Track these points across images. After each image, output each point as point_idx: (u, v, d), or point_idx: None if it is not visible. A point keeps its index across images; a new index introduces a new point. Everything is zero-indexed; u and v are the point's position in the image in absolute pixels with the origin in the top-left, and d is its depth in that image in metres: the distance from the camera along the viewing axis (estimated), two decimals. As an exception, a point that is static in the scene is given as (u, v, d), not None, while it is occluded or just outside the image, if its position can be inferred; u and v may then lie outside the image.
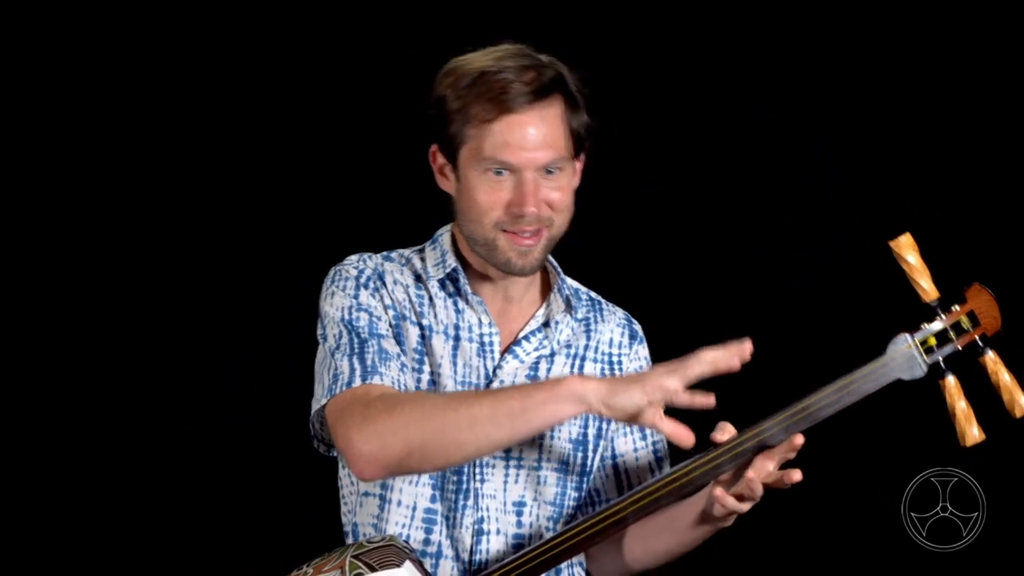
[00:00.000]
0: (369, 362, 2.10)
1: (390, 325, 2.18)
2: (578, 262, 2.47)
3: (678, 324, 3.25)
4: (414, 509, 2.18)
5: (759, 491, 2.06)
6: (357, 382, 2.08)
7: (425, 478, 2.18)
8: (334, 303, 2.18)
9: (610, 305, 2.37)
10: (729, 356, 2.00)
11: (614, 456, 2.31)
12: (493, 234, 2.14)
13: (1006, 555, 3.06)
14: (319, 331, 2.20)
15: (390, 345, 2.15)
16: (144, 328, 3.29)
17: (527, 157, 2.10)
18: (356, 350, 2.12)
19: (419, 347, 2.19)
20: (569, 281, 2.32)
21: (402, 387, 2.12)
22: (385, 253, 2.27)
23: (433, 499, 2.18)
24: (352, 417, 2.03)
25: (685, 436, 2.01)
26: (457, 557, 2.18)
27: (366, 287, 2.19)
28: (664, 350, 3.12)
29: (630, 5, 3.27)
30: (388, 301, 2.19)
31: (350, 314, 2.16)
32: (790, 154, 3.24)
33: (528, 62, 2.13)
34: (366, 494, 2.22)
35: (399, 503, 2.18)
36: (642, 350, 2.36)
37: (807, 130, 3.23)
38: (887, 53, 3.20)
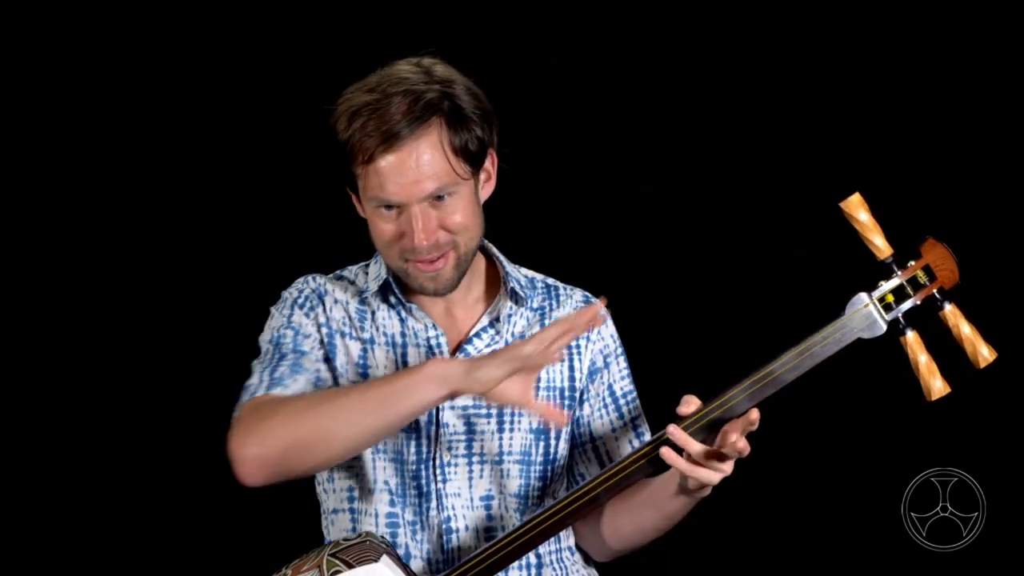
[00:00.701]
0: (278, 374, 2.13)
1: (321, 343, 2.20)
2: (579, 262, 2.47)
3: (678, 324, 3.23)
4: (376, 516, 2.19)
5: (693, 446, 2.02)
6: (260, 392, 2.10)
7: (381, 484, 2.19)
8: (270, 325, 2.23)
9: (568, 288, 2.34)
10: (580, 318, 2.00)
11: (593, 439, 2.29)
12: (400, 264, 2.15)
13: (1006, 555, 3.02)
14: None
15: (309, 361, 2.17)
16: (144, 329, 3.30)
17: (409, 192, 2.09)
18: (271, 363, 2.15)
19: (361, 360, 2.21)
20: (523, 271, 2.32)
21: None
22: (336, 272, 2.30)
23: (392, 503, 2.18)
24: (238, 426, 2.06)
25: (556, 416, 2.10)
26: (427, 558, 2.18)
27: (301, 307, 2.22)
28: (664, 350, 3.12)
29: (630, 5, 3.27)
30: (323, 319, 2.22)
31: (278, 332, 2.20)
32: (790, 154, 3.21)
33: (407, 86, 2.10)
34: (336, 511, 2.24)
35: (365, 512, 2.20)
36: (605, 329, 2.32)
37: (807, 130, 3.21)
38: (887, 53, 3.19)
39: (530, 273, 2.34)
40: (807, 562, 3.15)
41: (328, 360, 2.19)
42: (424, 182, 2.09)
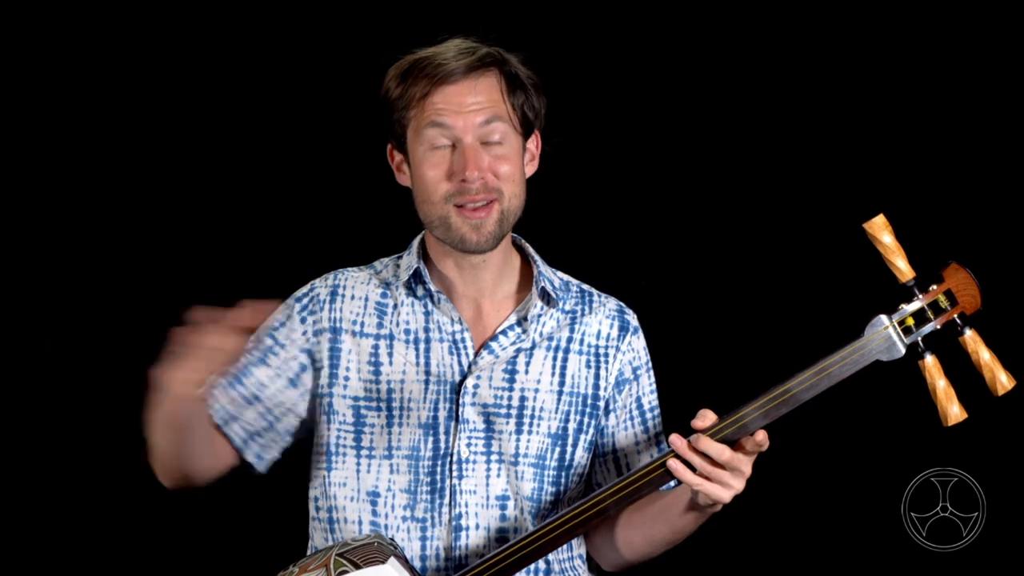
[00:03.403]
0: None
1: (304, 351, 2.22)
2: (591, 273, 2.45)
3: (692, 339, 3.22)
4: (360, 524, 2.19)
5: (692, 456, 2.04)
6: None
7: (384, 487, 2.19)
8: (272, 316, 2.26)
9: (602, 296, 2.35)
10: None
11: (615, 451, 2.30)
12: (445, 210, 2.15)
13: (1006, 555, 3.03)
14: None
15: (262, 372, 2.20)
16: (142, 331, 3.26)
17: (466, 119, 2.13)
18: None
19: (373, 358, 2.21)
20: (558, 274, 2.32)
21: (221, 412, 2.19)
22: (370, 264, 2.31)
23: (377, 505, 2.19)
24: None
25: None
26: (437, 555, 2.18)
27: (302, 310, 2.24)
28: (678, 364, 3.11)
29: (634, 6, 3.25)
30: (326, 323, 2.23)
31: (260, 332, 2.23)
32: (813, 168, 3.20)
33: (467, 45, 2.17)
34: (316, 519, 2.26)
35: (346, 520, 2.20)
36: (636, 341, 2.33)
37: (829, 144, 3.20)
38: (884, 51, 3.18)
39: (566, 277, 2.34)
40: (807, 562, 3.16)
41: (304, 370, 2.22)
42: (482, 111, 2.14)
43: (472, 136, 2.13)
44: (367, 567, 1.97)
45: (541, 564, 2.23)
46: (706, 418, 2.05)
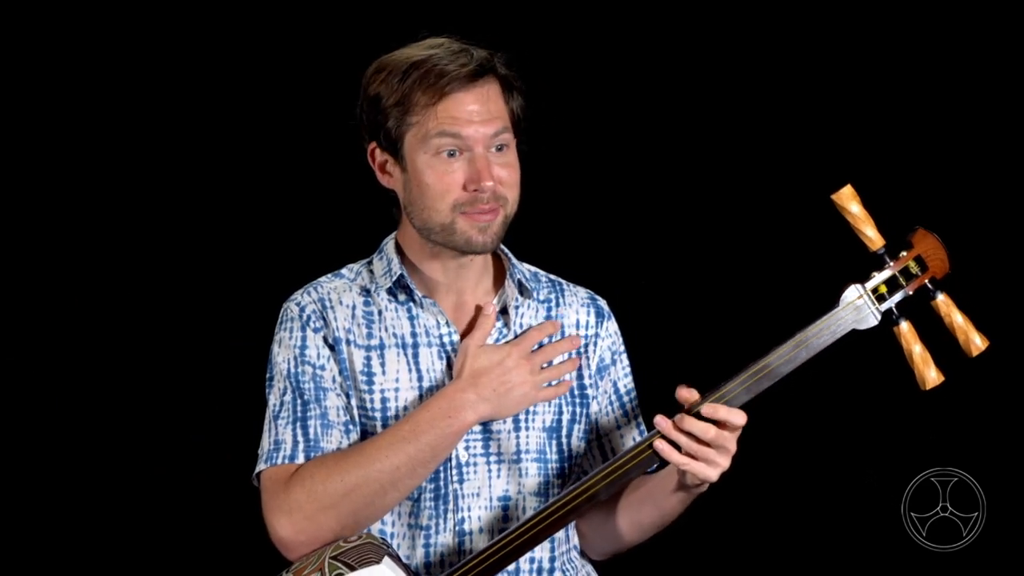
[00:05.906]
0: (312, 434, 2.13)
1: (336, 363, 2.18)
2: (568, 254, 2.47)
3: (670, 318, 3.24)
4: (368, 530, 2.17)
5: (678, 435, 2.05)
6: (299, 458, 2.11)
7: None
8: (280, 351, 2.19)
9: (571, 286, 2.36)
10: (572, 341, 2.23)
11: (599, 436, 2.30)
12: (451, 218, 2.13)
13: (1006, 555, 3.02)
14: (267, 373, 2.22)
15: (332, 401, 2.16)
16: (140, 333, 3.28)
17: (476, 130, 2.12)
18: (299, 416, 2.14)
19: (366, 369, 2.18)
20: (524, 266, 2.32)
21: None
22: (336, 271, 2.28)
23: (382, 521, 2.18)
24: (285, 504, 2.08)
25: (564, 388, 2.23)
26: (442, 561, 2.18)
27: (308, 325, 2.19)
28: (636, 327, 3.10)
29: (628, 4, 3.29)
30: (330, 334, 2.19)
31: (296, 367, 2.17)
32: (780, 144, 3.22)
33: (457, 47, 2.15)
34: None
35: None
36: (612, 326, 2.35)
37: (796, 119, 3.21)
38: (848, 25, 3.20)
39: (533, 268, 2.34)
40: (807, 562, 3.15)
41: (342, 375, 2.19)
42: (490, 123, 2.13)
43: (483, 146, 2.12)
44: (362, 568, 1.97)
45: (546, 562, 2.23)
46: (689, 395, 2.05)
